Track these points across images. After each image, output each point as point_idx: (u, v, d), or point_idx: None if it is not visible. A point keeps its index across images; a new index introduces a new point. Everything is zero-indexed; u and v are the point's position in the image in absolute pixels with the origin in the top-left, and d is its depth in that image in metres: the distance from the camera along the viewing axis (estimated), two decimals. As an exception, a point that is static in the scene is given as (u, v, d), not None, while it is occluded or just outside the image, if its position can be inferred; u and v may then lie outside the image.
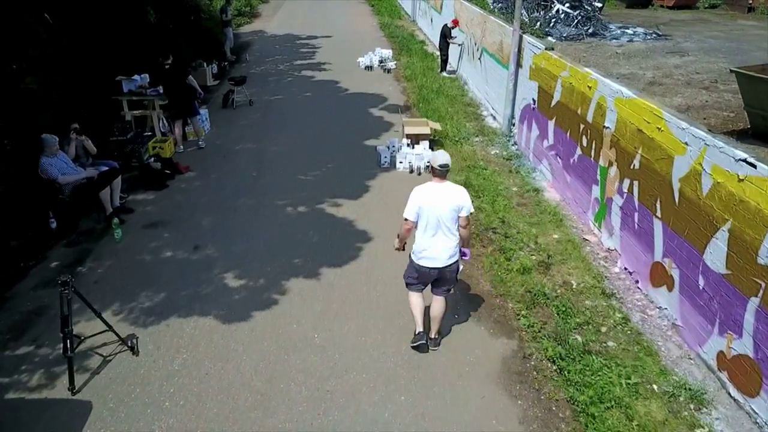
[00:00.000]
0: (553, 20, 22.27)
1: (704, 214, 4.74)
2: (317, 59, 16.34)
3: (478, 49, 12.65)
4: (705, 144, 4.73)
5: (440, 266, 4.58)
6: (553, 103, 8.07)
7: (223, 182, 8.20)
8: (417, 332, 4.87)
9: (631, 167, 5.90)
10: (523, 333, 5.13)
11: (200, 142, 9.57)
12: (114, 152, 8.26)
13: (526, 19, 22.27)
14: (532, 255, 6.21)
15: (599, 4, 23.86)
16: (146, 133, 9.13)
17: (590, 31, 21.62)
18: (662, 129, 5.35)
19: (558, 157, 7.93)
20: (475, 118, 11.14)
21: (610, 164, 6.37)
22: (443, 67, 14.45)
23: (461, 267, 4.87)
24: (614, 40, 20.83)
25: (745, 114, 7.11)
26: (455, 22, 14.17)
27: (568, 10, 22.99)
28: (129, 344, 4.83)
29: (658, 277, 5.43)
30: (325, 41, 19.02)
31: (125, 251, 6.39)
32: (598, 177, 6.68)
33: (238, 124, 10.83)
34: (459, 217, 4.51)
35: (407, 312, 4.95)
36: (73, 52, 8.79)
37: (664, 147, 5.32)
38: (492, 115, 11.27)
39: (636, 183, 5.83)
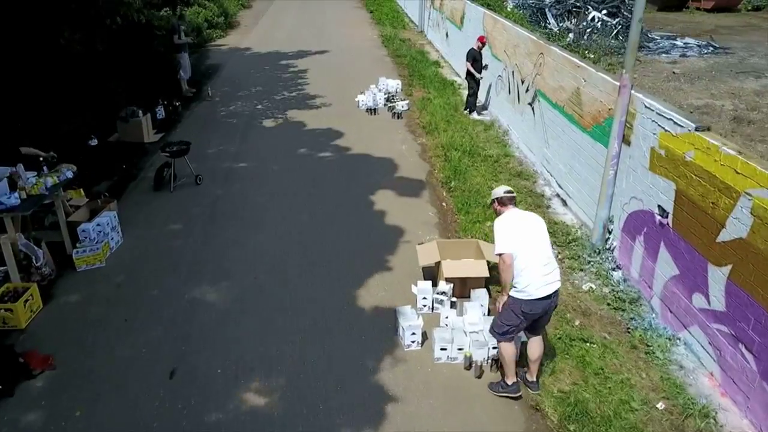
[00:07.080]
0: (588, 30, 18.49)
1: None
2: (304, 92, 12.47)
3: (527, 90, 8.84)
4: None
5: (556, 289, 4.09)
6: (726, 237, 4.30)
7: (102, 406, 4.18)
8: (511, 383, 4.30)
9: None
10: None
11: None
12: None
13: (556, 29, 18.62)
14: None
15: (640, 9, 20.07)
16: (-7, 276, 5.29)
17: (635, 43, 17.90)
18: None
19: (742, 346, 4.16)
20: (536, 204, 7.31)
21: None
22: (471, 105, 10.64)
23: None
24: (664, 55, 17.02)
25: None
26: (481, 41, 10.41)
27: (606, 18, 19.12)
28: None
29: None
30: (315, 62, 15.17)
31: None
32: None
33: (170, 229, 6.78)
34: None
35: None
36: None
37: None
38: (559, 195, 7.50)
39: None
